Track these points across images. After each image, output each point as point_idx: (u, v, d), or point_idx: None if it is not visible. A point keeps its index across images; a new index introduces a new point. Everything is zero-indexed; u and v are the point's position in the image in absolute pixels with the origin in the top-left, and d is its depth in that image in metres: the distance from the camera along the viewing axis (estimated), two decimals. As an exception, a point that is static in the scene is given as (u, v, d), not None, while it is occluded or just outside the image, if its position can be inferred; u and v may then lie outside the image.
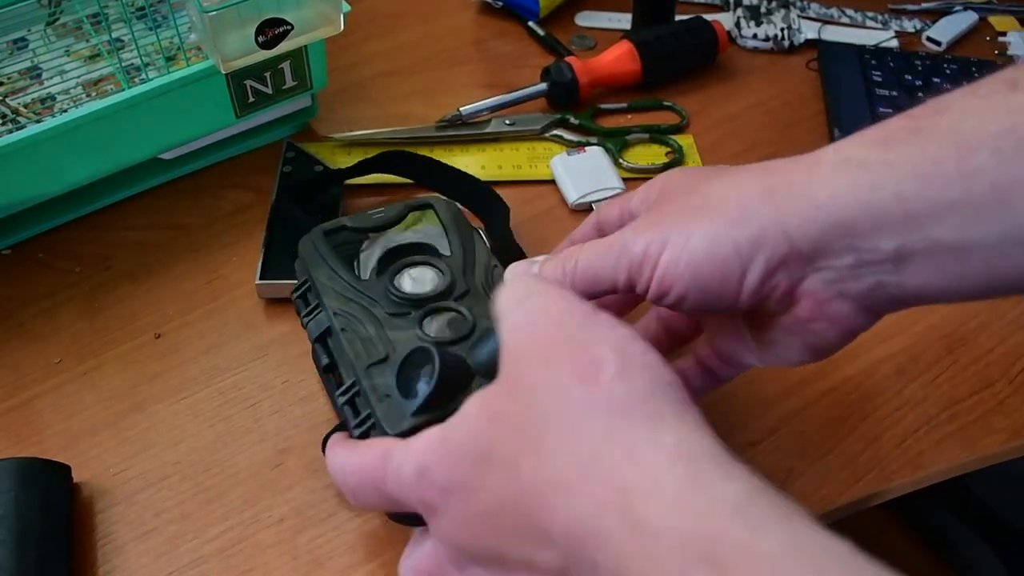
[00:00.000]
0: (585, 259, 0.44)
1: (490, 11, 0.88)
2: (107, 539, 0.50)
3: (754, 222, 0.40)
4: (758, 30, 0.84)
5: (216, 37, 0.60)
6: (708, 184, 0.43)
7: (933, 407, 0.57)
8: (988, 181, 0.36)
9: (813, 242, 0.39)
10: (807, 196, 0.39)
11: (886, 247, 0.38)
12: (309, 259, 0.52)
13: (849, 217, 0.38)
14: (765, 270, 0.40)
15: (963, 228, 0.37)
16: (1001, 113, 0.37)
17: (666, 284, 0.41)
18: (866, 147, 0.39)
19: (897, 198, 0.38)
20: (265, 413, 0.56)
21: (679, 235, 0.41)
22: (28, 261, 0.65)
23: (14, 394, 0.57)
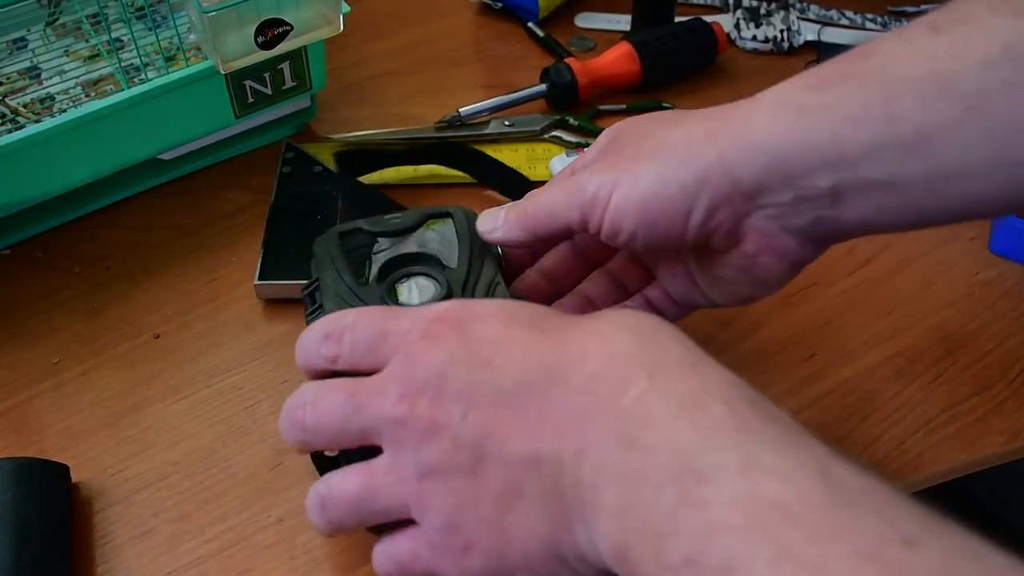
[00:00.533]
0: (544, 199, 0.48)
1: (489, 12, 0.88)
2: (105, 539, 0.50)
3: (699, 162, 0.43)
4: (757, 32, 0.84)
5: (215, 37, 0.60)
6: (658, 129, 0.46)
7: (932, 409, 0.57)
8: (912, 125, 0.39)
9: (754, 180, 0.42)
10: (748, 137, 0.42)
11: (822, 184, 0.41)
12: (320, 260, 0.52)
13: (787, 156, 0.41)
14: (709, 206, 0.43)
15: (891, 168, 0.40)
16: (922, 58, 0.40)
17: (617, 222, 0.44)
18: (802, 91, 0.42)
19: (831, 139, 0.41)
20: (264, 413, 0.56)
21: (629, 176, 0.44)
22: (27, 261, 0.65)
23: (13, 394, 0.57)
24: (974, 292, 0.63)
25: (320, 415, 0.42)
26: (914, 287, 0.63)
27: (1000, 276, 0.64)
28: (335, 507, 0.42)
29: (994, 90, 0.39)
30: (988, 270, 0.64)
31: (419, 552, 0.41)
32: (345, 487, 0.42)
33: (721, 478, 0.32)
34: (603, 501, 0.35)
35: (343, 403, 0.41)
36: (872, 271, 0.64)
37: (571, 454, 0.36)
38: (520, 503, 0.38)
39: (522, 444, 0.37)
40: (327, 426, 0.42)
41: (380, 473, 0.41)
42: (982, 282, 0.63)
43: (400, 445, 0.40)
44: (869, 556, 0.28)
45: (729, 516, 0.31)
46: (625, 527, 0.34)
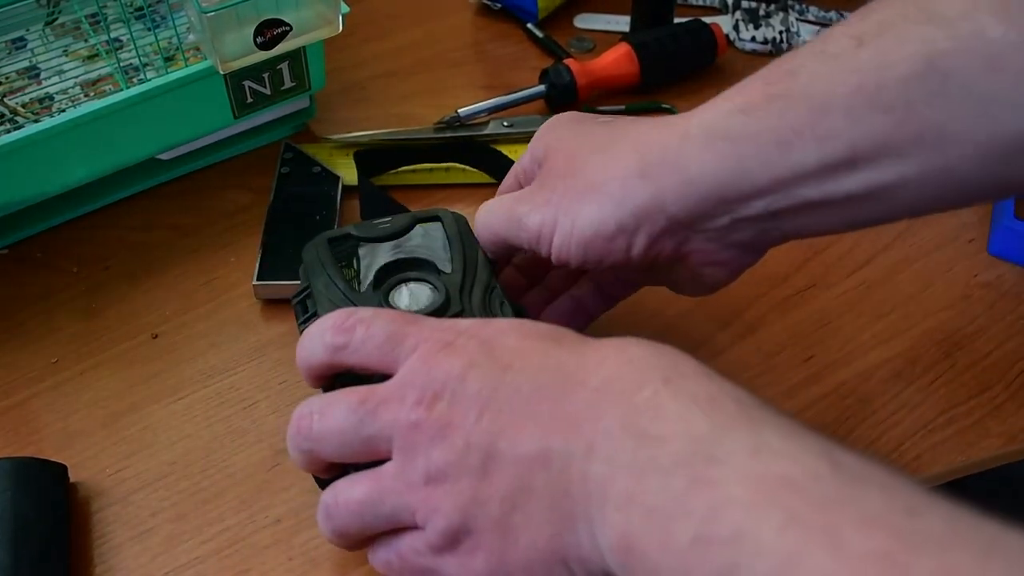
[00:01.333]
0: (491, 227, 0.50)
1: (489, 13, 0.88)
2: (104, 539, 0.50)
3: (634, 201, 0.44)
4: (756, 33, 0.84)
5: (215, 38, 0.60)
6: (588, 157, 0.47)
7: (930, 411, 0.57)
8: (843, 143, 0.40)
9: (689, 212, 0.44)
10: (681, 173, 0.43)
11: (758, 207, 0.43)
12: (310, 266, 0.51)
13: (720, 188, 0.42)
14: (648, 241, 0.45)
15: (824, 186, 0.41)
16: (848, 73, 0.40)
17: (563, 256, 0.46)
18: (729, 117, 0.43)
19: (763, 166, 0.41)
20: (262, 414, 0.56)
21: (566, 217, 0.46)
22: (26, 261, 0.65)
23: (11, 393, 0.57)
24: (973, 294, 0.63)
25: (327, 422, 0.42)
26: (913, 289, 0.63)
27: (999, 278, 0.64)
28: (340, 513, 0.42)
29: (920, 101, 0.39)
30: (987, 272, 0.64)
31: (421, 550, 0.41)
32: (351, 493, 0.42)
33: (732, 460, 0.32)
34: (610, 493, 0.35)
35: (354, 408, 0.41)
36: (871, 273, 0.64)
37: (582, 449, 0.36)
38: (527, 502, 0.37)
39: (533, 442, 0.37)
40: (334, 433, 0.42)
41: (387, 478, 0.41)
42: (981, 284, 0.63)
43: (411, 450, 0.40)
44: (874, 521, 0.29)
45: (738, 492, 0.31)
46: (631, 518, 0.34)
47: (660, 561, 0.33)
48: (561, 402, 0.38)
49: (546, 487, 0.37)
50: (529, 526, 0.38)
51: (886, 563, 0.27)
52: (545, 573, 0.38)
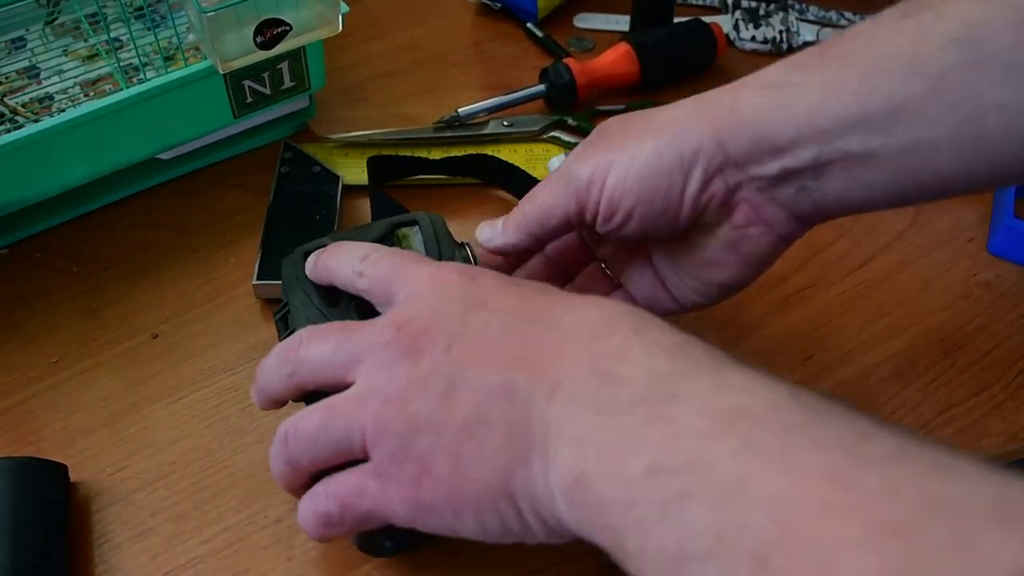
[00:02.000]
0: (536, 196, 0.49)
1: (488, 12, 0.88)
2: (104, 539, 0.50)
3: (693, 136, 0.45)
4: (756, 32, 0.84)
5: (215, 37, 0.60)
6: (644, 116, 0.48)
7: (930, 410, 0.57)
8: (883, 100, 0.42)
9: (743, 151, 0.45)
10: (735, 114, 0.45)
11: (804, 156, 0.44)
12: (287, 282, 0.51)
13: (770, 130, 0.44)
14: (704, 177, 0.45)
15: (866, 140, 0.43)
16: (893, 40, 0.43)
17: (614, 202, 0.46)
18: (783, 71, 0.45)
19: (808, 113, 0.43)
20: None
21: (624, 154, 0.46)
22: (26, 260, 0.65)
23: (11, 393, 0.57)
24: (972, 293, 0.63)
25: (313, 345, 0.43)
26: (912, 288, 0.63)
27: (998, 277, 0.64)
28: (295, 441, 0.43)
29: (957, 68, 0.41)
30: (986, 271, 0.64)
31: (365, 486, 0.41)
32: (309, 418, 0.42)
33: (691, 397, 0.34)
34: (567, 430, 0.36)
35: (336, 332, 0.43)
36: (870, 272, 0.64)
37: (546, 388, 0.37)
38: (483, 432, 0.38)
39: (498, 374, 0.38)
40: (315, 356, 0.43)
41: (343, 401, 0.41)
42: (980, 283, 0.64)
43: (375, 371, 0.41)
44: (825, 444, 0.30)
45: (696, 424, 0.32)
46: (584, 452, 0.35)
47: (608, 492, 0.33)
48: (530, 342, 0.39)
49: (504, 418, 0.38)
50: (482, 457, 0.38)
51: (832, 477, 0.29)
52: (492, 509, 0.38)
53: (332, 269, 0.47)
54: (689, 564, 0.30)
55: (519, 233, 0.50)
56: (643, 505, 0.32)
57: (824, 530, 0.28)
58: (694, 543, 0.30)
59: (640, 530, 0.32)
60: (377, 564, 0.49)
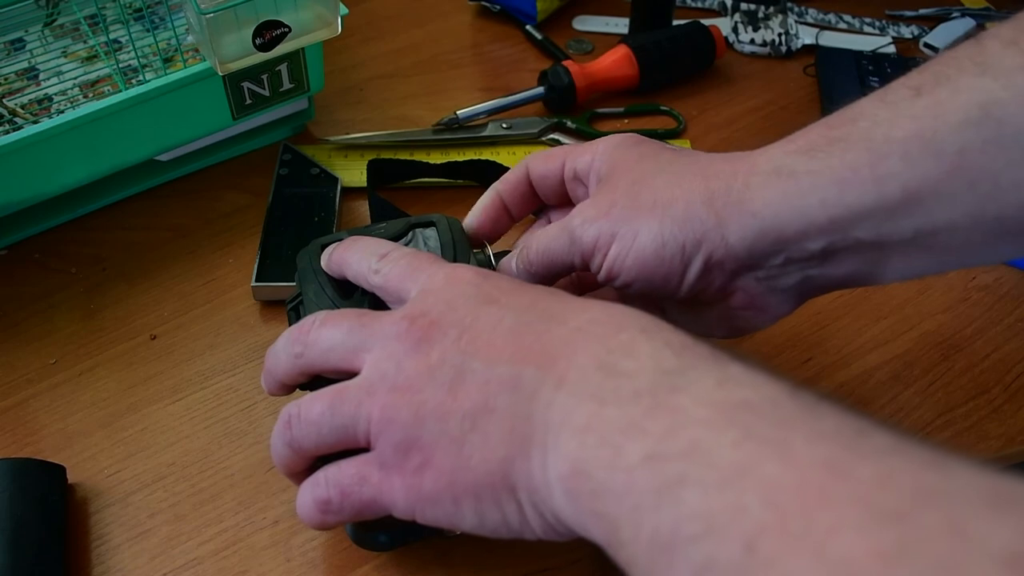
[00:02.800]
0: (540, 245, 0.49)
1: (487, 15, 0.88)
2: (101, 540, 0.50)
3: (697, 225, 0.44)
4: (755, 35, 0.84)
5: (214, 39, 0.60)
6: (657, 178, 0.47)
7: (928, 413, 0.57)
8: (898, 185, 0.41)
9: (748, 246, 0.44)
10: (744, 204, 0.44)
11: (813, 247, 0.43)
12: (302, 273, 0.51)
13: (780, 224, 0.43)
14: (704, 268, 0.45)
15: (880, 228, 0.42)
16: (906, 120, 0.41)
17: (615, 272, 0.46)
18: (793, 156, 0.44)
19: (821, 204, 0.42)
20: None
21: (627, 230, 0.46)
22: (24, 261, 0.65)
23: (9, 394, 0.57)
24: (971, 296, 0.63)
25: (326, 328, 0.44)
26: (911, 291, 0.63)
27: (997, 281, 0.64)
28: (299, 424, 0.43)
29: (975, 148, 0.40)
30: (985, 275, 0.64)
31: (367, 474, 0.41)
32: (314, 402, 0.42)
33: (694, 389, 0.34)
34: (570, 420, 0.36)
35: (351, 318, 0.43)
36: (869, 275, 0.64)
37: (552, 380, 0.37)
38: (487, 421, 0.38)
39: (506, 366, 0.38)
40: (327, 340, 0.43)
41: (351, 387, 0.42)
42: (979, 287, 0.64)
43: (385, 359, 0.41)
44: (824, 436, 0.31)
45: (698, 413, 0.33)
46: (584, 441, 0.35)
47: (605, 480, 0.33)
48: (541, 337, 0.39)
49: (509, 408, 0.38)
50: (484, 446, 0.38)
51: (829, 467, 0.29)
52: (492, 499, 0.38)
53: (348, 263, 0.48)
54: (679, 548, 0.30)
55: (529, 276, 0.50)
56: (640, 491, 0.32)
57: (818, 516, 0.28)
58: (686, 526, 0.30)
59: (635, 517, 0.32)
60: (376, 565, 0.49)
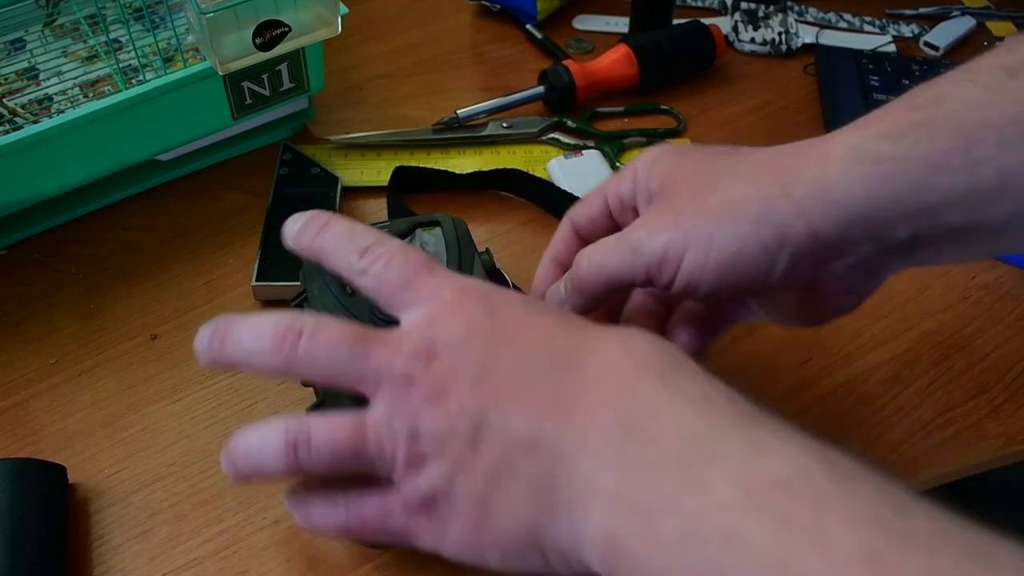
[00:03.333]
0: (598, 258, 0.46)
1: (488, 14, 0.88)
2: (102, 540, 0.50)
3: (777, 219, 0.41)
4: (756, 34, 0.84)
5: (214, 39, 0.60)
6: (719, 180, 0.44)
7: (928, 413, 0.57)
8: (993, 170, 0.39)
9: (834, 234, 0.41)
10: (825, 192, 0.41)
11: (902, 234, 0.41)
12: (307, 270, 0.51)
13: (867, 210, 0.40)
14: (791, 262, 0.42)
15: (971, 213, 0.40)
16: (1001, 103, 0.39)
17: (693, 284, 0.43)
18: (875, 141, 0.41)
19: (911, 190, 0.40)
20: (261, 415, 0.56)
21: (700, 237, 0.42)
22: (24, 261, 0.65)
23: (10, 394, 0.57)
24: (971, 295, 0.63)
25: (319, 345, 0.41)
26: (911, 290, 0.63)
27: (997, 280, 0.64)
28: (308, 453, 0.40)
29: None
30: (985, 274, 0.64)
31: (390, 511, 0.41)
32: (334, 432, 0.40)
33: (723, 461, 0.33)
34: (597, 489, 0.35)
35: (350, 340, 0.40)
36: (869, 274, 0.64)
37: (572, 440, 0.36)
38: (511, 482, 0.38)
39: (524, 423, 0.38)
40: (324, 360, 0.41)
41: (374, 423, 0.40)
42: (979, 286, 0.64)
43: (401, 403, 0.39)
44: (863, 520, 0.29)
45: (729, 493, 0.32)
46: (616, 515, 0.34)
47: (641, 558, 0.33)
48: (557, 385, 0.38)
49: (531, 471, 0.37)
50: (509, 506, 0.38)
51: (871, 559, 0.28)
52: (519, 555, 0.38)
53: (325, 252, 0.45)
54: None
55: (584, 299, 0.47)
56: (680, 574, 0.32)
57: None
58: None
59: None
60: (376, 564, 0.49)
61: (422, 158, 0.72)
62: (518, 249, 0.66)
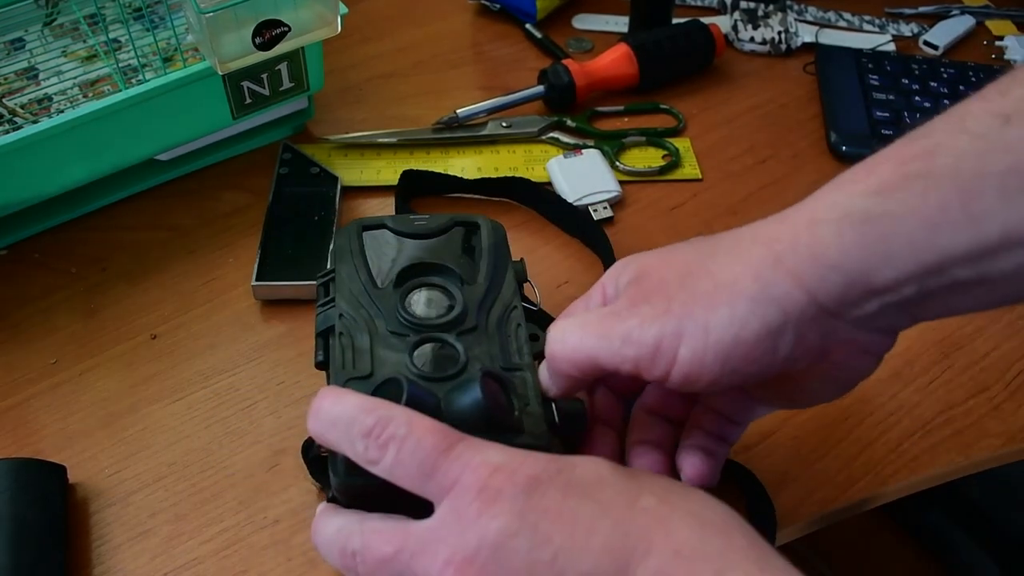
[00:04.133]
0: (574, 342, 0.43)
1: (487, 14, 0.88)
2: (102, 540, 0.50)
3: (776, 293, 0.39)
4: (755, 33, 0.84)
5: (213, 38, 0.60)
6: (708, 263, 0.42)
7: (928, 411, 0.57)
8: (997, 224, 0.36)
9: (836, 299, 0.39)
10: (820, 257, 0.39)
11: (908, 291, 0.38)
12: (340, 251, 0.51)
13: (866, 273, 0.38)
14: (797, 336, 0.39)
15: (979, 267, 0.37)
16: (999, 152, 0.36)
17: (693, 375, 0.40)
18: (863, 197, 0.38)
19: (910, 248, 0.37)
20: (261, 414, 0.56)
21: (695, 325, 0.40)
22: (24, 261, 0.65)
23: (10, 394, 0.57)
24: (971, 294, 0.63)
25: (367, 557, 0.40)
26: (911, 289, 0.63)
27: (997, 278, 0.64)
28: (365, 565, 0.40)
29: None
30: (985, 272, 0.64)
31: None
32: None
33: None
34: None
35: (392, 558, 0.39)
36: (869, 273, 0.64)
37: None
38: None
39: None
40: (372, 566, 0.40)
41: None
42: (979, 284, 0.63)
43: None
44: None
45: None
46: None
47: None
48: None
49: None
50: None
51: None
52: None
53: (329, 439, 0.41)
54: None
55: (561, 381, 0.45)
56: None
57: None
58: None
59: None
60: (376, 565, 0.49)
61: (421, 157, 0.73)
62: (518, 248, 0.66)
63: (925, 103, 0.76)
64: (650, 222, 0.68)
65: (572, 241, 0.68)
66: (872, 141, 0.73)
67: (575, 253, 0.67)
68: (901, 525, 1.01)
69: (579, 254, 0.67)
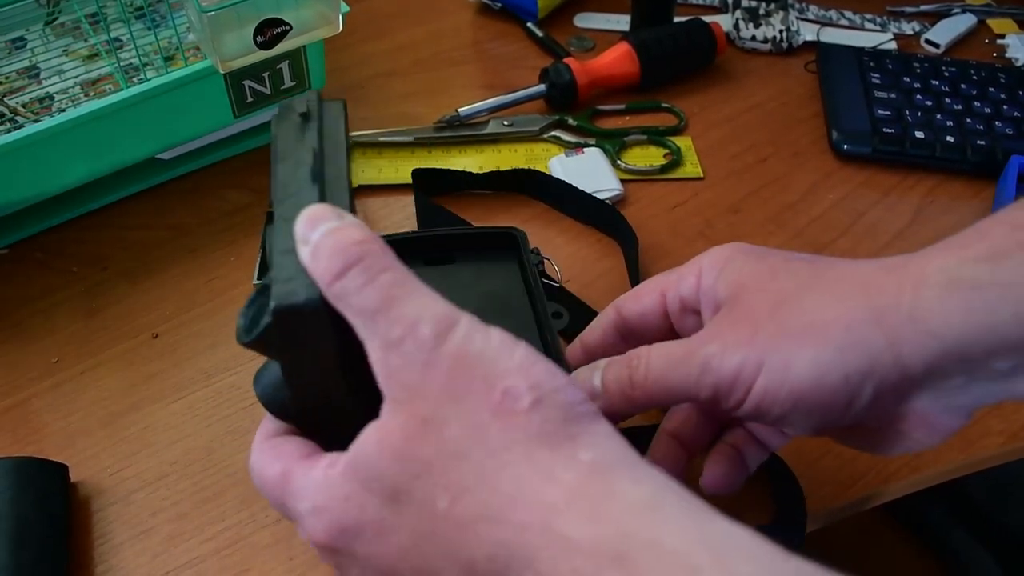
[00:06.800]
0: (657, 370, 0.42)
1: (489, 12, 0.88)
2: (104, 539, 0.50)
3: (864, 349, 0.38)
4: (757, 32, 0.84)
5: (215, 37, 0.60)
6: (803, 297, 0.40)
7: (930, 409, 0.57)
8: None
9: (926, 368, 0.38)
10: (920, 322, 0.37)
11: (1002, 367, 0.37)
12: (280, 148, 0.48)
13: (966, 344, 0.37)
14: (874, 396, 0.38)
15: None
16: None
17: (764, 409, 0.39)
18: (973, 264, 0.37)
19: (1015, 319, 0.36)
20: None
21: (778, 359, 0.39)
22: (26, 260, 0.65)
23: (11, 393, 0.57)
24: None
25: (256, 483, 0.41)
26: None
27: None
28: None
29: None
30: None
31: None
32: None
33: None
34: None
35: (274, 483, 0.40)
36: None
37: None
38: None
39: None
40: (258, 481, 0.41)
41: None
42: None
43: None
44: None
45: None
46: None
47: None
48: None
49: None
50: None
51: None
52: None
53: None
54: None
55: (627, 403, 0.43)
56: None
57: None
58: None
59: None
60: (377, 564, 0.49)
61: (423, 156, 0.72)
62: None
63: (926, 102, 0.76)
64: (652, 220, 0.68)
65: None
66: (873, 139, 0.73)
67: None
68: (902, 523, 1.01)
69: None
